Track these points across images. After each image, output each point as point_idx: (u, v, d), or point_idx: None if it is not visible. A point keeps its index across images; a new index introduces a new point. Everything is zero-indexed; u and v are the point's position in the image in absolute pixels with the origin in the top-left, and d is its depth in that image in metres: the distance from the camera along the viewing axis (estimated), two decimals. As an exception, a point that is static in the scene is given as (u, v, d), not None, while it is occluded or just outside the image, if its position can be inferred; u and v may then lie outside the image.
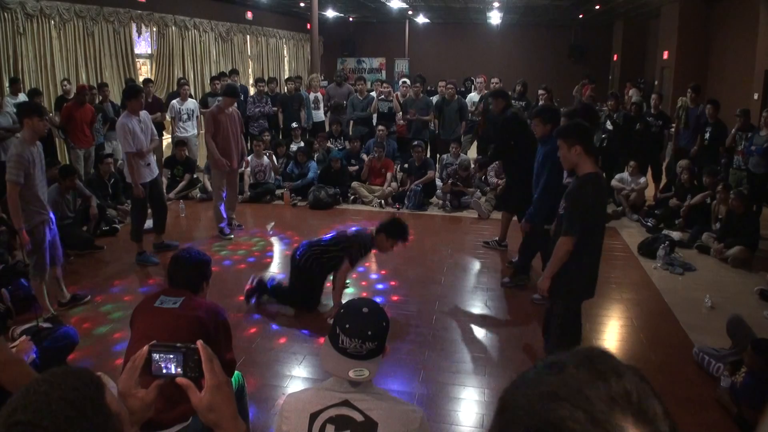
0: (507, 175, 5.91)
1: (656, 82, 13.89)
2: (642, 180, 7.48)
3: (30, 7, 8.56)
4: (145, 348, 1.07)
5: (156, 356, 1.07)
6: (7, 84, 8.13)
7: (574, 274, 3.20)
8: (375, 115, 8.96)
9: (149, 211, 5.72)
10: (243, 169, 7.35)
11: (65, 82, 8.63)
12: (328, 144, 9.04)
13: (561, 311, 3.38)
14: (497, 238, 6.10)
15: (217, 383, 1.05)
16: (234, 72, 10.55)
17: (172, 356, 1.07)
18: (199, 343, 1.07)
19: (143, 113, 5.54)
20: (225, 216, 6.39)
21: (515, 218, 5.51)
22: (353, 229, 4.67)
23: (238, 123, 6.32)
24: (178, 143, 8.19)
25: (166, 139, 9.91)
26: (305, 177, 8.06)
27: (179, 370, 1.07)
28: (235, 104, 6.43)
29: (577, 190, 3.12)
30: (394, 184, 7.99)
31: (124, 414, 0.87)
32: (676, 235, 6.25)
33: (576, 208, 3.08)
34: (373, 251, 4.58)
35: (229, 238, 6.31)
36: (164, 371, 1.07)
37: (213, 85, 9.48)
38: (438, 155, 8.72)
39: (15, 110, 7.05)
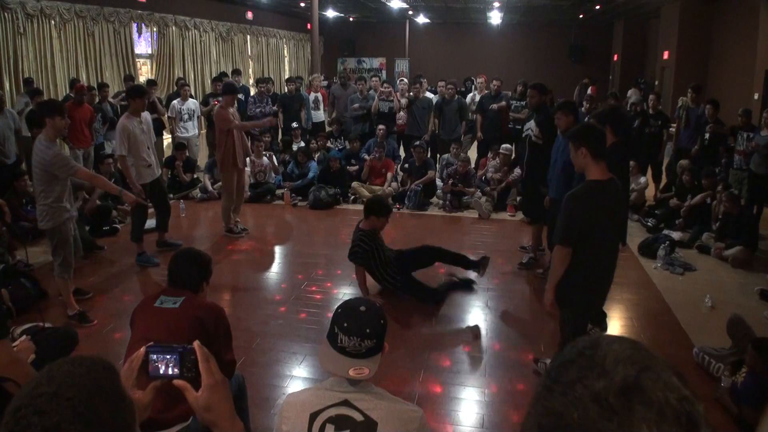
0: (543, 181, 5.11)
1: (656, 82, 13.89)
2: (642, 180, 7.47)
3: (30, 7, 8.56)
4: (142, 349, 1.08)
5: (153, 357, 1.08)
6: (7, 84, 8.14)
7: (574, 286, 3.02)
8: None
9: (152, 210, 5.71)
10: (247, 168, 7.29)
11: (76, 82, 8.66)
12: (328, 144, 9.04)
13: (569, 318, 3.23)
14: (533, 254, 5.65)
15: (213, 383, 1.06)
16: (237, 72, 10.53)
17: (168, 357, 1.07)
18: (196, 343, 1.07)
19: (144, 114, 5.48)
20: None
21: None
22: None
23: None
24: (179, 145, 8.18)
25: (166, 138, 9.90)
26: (305, 177, 8.07)
27: (176, 370, 1.07)
28: (236, 104, 6.41)
29: (572, 197, 2.95)
30: (394, 184, 7.99)
31: (135, 401, 0.90)
32: (676, 235, 6.24)
33: (565, 215, 2.91)
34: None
35: (239, 237, 6.29)
36: (161, 372, 1.08)
37: (215, 86, 9.47)
38: (438, 155, 8.72)
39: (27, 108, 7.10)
